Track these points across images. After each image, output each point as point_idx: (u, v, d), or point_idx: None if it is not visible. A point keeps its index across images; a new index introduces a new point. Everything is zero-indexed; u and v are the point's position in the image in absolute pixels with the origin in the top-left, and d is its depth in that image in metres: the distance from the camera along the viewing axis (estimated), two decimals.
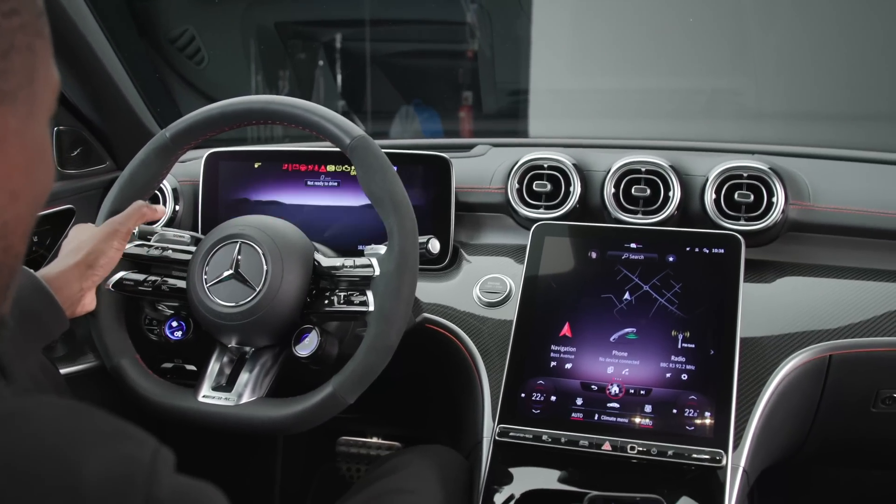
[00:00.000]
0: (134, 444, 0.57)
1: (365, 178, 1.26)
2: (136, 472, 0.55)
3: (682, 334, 1.37)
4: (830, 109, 2.91)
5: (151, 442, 0.58)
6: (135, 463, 0.56)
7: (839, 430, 1.54)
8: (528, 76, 3.43)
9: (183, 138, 1.36)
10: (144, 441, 0.58)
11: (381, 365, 1.23)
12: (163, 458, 0.58)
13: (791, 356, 1.39)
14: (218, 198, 1.72)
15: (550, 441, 1.32)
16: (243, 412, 1.26)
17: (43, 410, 0.58)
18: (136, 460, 0.56)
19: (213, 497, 0.60)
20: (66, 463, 0.54)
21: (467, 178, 1.69)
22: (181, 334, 1.36)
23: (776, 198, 1.52)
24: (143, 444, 0.58)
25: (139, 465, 0.56)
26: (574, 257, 1.48)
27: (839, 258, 1.55)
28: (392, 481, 1.33)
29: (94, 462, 0.54)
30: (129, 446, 0.57)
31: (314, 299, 1.30)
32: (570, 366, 1.38)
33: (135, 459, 0.56)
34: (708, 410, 1.31)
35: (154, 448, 0.58)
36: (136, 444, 0.58)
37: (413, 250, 1.24)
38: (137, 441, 0.58)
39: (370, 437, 2.30)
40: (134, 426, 0.59)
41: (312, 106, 1.30)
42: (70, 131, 1.73)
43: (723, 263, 1.41)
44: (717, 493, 1.25)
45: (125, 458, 0.56)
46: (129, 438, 0.58)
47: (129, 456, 0.56)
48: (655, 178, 1.58)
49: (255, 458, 2.13)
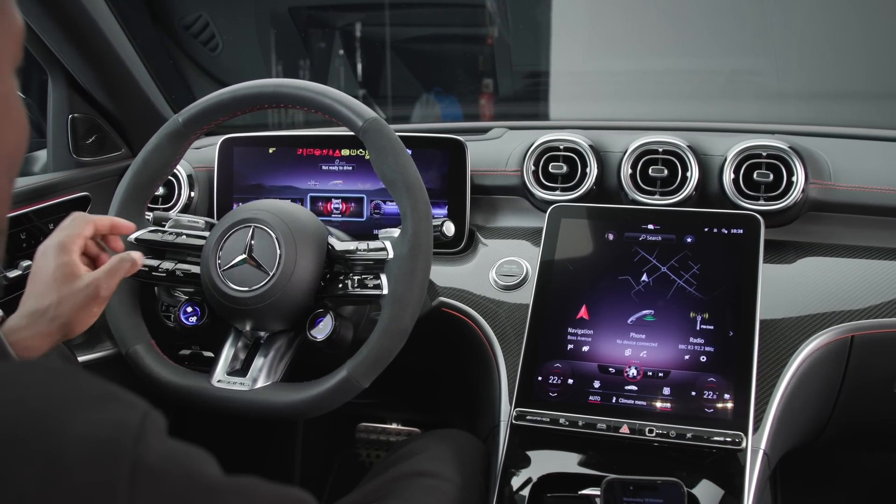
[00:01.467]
0: (122, 407, 0.56)
1: (378, 161, 1.25)
2: (123, 435, 0.54)
3: (700, 316, 1.36)
4: (850, 88, 2.87)
5: (141, 405, 0.57)
6: (122, 426, 0.54)
7: (862, 413, 1.52)
8: (545, 59, 3.41)
9: (195, 123, 1.36)
10: (134, 404, 0.57)
11: (396, 348, 1.22)
12: (153, 422, 0.56)
13: (812, 337, 1.38)
14: (233, 183, 1.71)
15: (568, 424, 1.31)
16: (258, 397, 1.26)
17: (28, 375, 0.57)
18: (124, 423, 0.55)
19: (203, 461, 0.59)
20: (50, 426, 0.53)
21: (483, 161, 1.68)
22: (196, 319, 1.36)
23: (796, 177, 1.50)
24: (133, 407, 0.57)
25: (127, 428, 0.54)
26: (591, 239, 1.47)
27: (861, 238, 1.53)
28: (409, 465, 1.33)
29: (80, 425, 0.53)
30: (117, 409, 0.56)
31: (328, 283, 1.29)
32: (587, 349, 1.37)
33: (122, 422, 0.55)
34: (727, 393, 1.29)
35: (144, 411, 0.56)
36: (125, 407, 0.56)
37: (427, 233, 1.23)
38: (126, 404, 0.57)
39: (389, 423, 2.30)
40: (124, 390, 0.58)
41: (324, 88, 1.29)
42: (85, 119, 1.73)
43: (742, 244, 1.40)
44: (738, 476, 1.23)
45: (112, 421, 0.55)
46: (117, 401, 0.57)
47: (116, 419, 0.55)
48: (673, 158, 1.56)
49: (275, 445, 2.14)
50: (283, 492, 0.63)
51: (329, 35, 3.71)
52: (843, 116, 2.69)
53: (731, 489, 1.23)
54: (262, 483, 0.61)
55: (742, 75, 3.12)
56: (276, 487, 0.62)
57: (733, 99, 3.09)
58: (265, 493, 0.61)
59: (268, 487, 0.61)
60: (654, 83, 3.19)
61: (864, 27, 2.89)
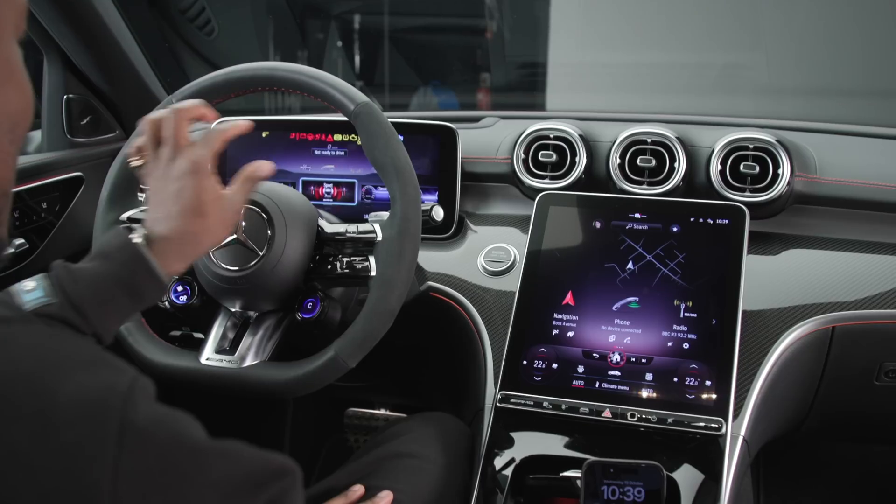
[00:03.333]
0: (112, 372, 0.58)
1: (368, 145, 1.26)
2: (113, 397, 0.56)
3: (684, 304, 1.37)
4: (841, 85, 2.89)
5: (130, 370, 0.59)
6: (111, 389, 0.56)
7: (842, 403, 1.54)
8: (538, 50, 3.42)
9: None
10: (123, 370, 0.59)
11: (383, 329, 1.23)
12: (141, 387, 0.58)
13: (793, 327, 1.39)
14: (226, 166, 1.72)
15: (551, 408, 1.33)
16: (245, 374, 1.27)
17: (22, 338, 0.59)
18: (113, 387, 0.57)
19: (189, 424, 0.61)
20: (41, 386, 0.54)
21: (474, 149, 1.69)
22: (186, 299, 1.37)
23: (782, 169, 1.52)
24: (122, 372, 0.59)
25: (116, 391, 0.56)
26: (578, 227, 1.48)
27: (845, 231, 1.54)
28: (394, 446, 1.34)
29: (70, 386, 0.55)
30: (107, 374, 0.58)
31: (317, 264, 1.30)
32: (572, 334, 1.39)
33: (112, 386, 0.57)
34: (709, 379, 1.31)
35: (133, 376, 0.58)
36: (115, 371, 0.58)
37: (415, 216, 1.24)
38: (116, 369, 0.59)
39: (377, 408, 2.32)
40: (115, 356, 0.60)
41: (317, 72, 1.30)
42: (80, 100, 1.74)
43: (727, 234, 1.41)
44: (717, 462, 1.25)
45: (102, 384, 0.56)
46: (107, 366, 0.59)
47: (106, 382, 0.57)
48: (661, 149, 1.58)
49: (264, 430, 2.15)
50: (267, 456, 0.64)
51: (326, 25, 3.70)
52: (832, 112, 2.70)
53: (711, 474, 1.24)
54: (246, 447, 0.63)
55: (734, 70, 3.14)
56: (260, 452, 0.64)
57: (724, 93, 3.10)
58: (249, 457, 0.63)
59: (252, 451, 0.63)
60: (646, 76, 3.20)
61: (856, 24, 2.91)
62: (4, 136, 0.64)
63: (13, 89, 0.64)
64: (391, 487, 1.25)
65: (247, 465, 0.62)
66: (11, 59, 0.64)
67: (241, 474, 0.61)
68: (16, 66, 0.65)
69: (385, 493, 1.23)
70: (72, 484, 0.53)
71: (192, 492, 0.58)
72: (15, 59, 0.65)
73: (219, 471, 0.60)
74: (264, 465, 0.64)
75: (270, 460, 0.64)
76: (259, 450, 0.64)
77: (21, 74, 0.65)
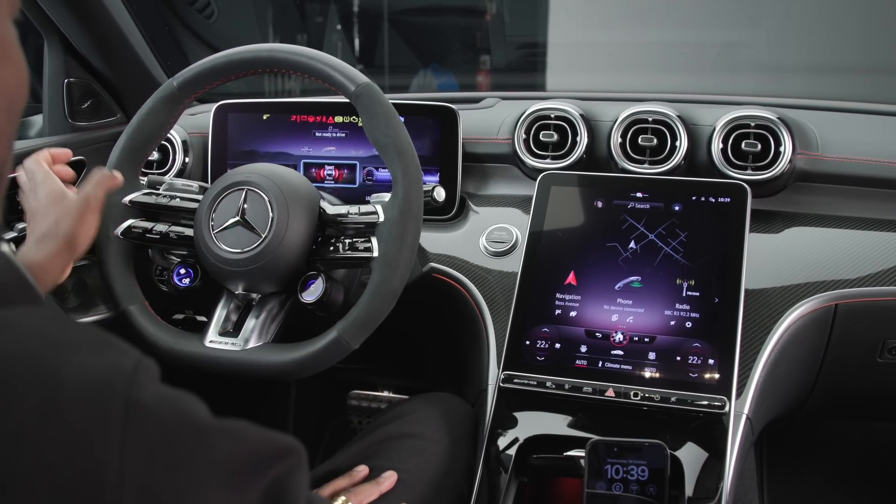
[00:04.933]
0: (116, 353, 0.58)
1: (369, 126, 1.26)
2: (117, 378, 0.56)
3: (686, 282, 1.38)
4: (841, 62, 2.88)
5: (134, 352, 0.59)
6: (116, 370, 0.57)
7: (845, 381, 1.54)
8: (538, 31, 3.41)
9: (190, 87, 1.37)
10: (127, 351, 0.59)
11: (385, 310, 1.24)
12: (145, 368, 0.58)
13: (796, 305, 1.39)
14: (227, 149, 1.73)
15: (554, 387, 1.33)
16: (249, 356, 1.28)
17: (26, 320, 0.59)
18: (118, 367, 0.57)
19: (193, 403, 0.61)
20: (46, 367, 0.55)
21: (475, 129, 1.69)
22: (189, 281, 1.38)
23: (783, 147, 1.52)
24: (126, 353, 0.59)
25: (120, 372, 0.57)
26: (580, 206, 1.48)
27: (847, 209, 1.54)
28: (397, 426, 1.35)
29: (75, 367, 0.55)
30: (112, 354, 0.58)
31: (320, 246, 1.31)
32: (574, 314, 1.39)
33: (116, 367, 0.57)
34: (712, 358, 1.31)
35: (137, 358, 0.59)
36: (119, 352, 0.59)
37: (417, 197, 1.24)
38: (120, 350, 0.59)
39: (380, 390, 2.33)
40: (118, 338, 0.60)
41: (318, 54, 1.30)
42: (80, 83, 1.74)
43: (729, 212, 1.41)
44: (721, 440, 1.26)
45: (107, 365, 0.57)
46: (111, 347, 0.59)
47: (110, 363, 0.57)
48: (662, 127, 1.58)
49: (267, 412, 2.15)
50: (271, 436, 0.64)
51: (325, 8, 3.69)
52: (833, 90, 2.69)
53: (715, 452, 1.25)
54: (250, 426, 0.63)
55: (734, 48, 3.13)
56: (264, 431, 0.64)
57: (725, 71, 3.09)
58: (253, 436, 0.63)
59: (256, 430, 0.63)
60: (646, 55, 3.20)
61: (856, 2, 2.90)
62: (2, 114, 0.64)
63: (8, 67, 0.64)
64: (395, 468, 1.25)
65: (252, 444, 0.62)
66: (6, 37, 0.64)
67: (246, 453, 0.61)
68: (10, 43, 0.65)
69: (389, 474, 1.24)
70: (78, 464, 0.53)
71: (197, 470, 0.58)
72: (9, 37, 0.65)
73: (224, 449, 0.60)
74: (269, 444, 0.64)
75: (275, 440, 0.64)
76: (264, 429, 0.64)
77: (16, 52, 0.65)
